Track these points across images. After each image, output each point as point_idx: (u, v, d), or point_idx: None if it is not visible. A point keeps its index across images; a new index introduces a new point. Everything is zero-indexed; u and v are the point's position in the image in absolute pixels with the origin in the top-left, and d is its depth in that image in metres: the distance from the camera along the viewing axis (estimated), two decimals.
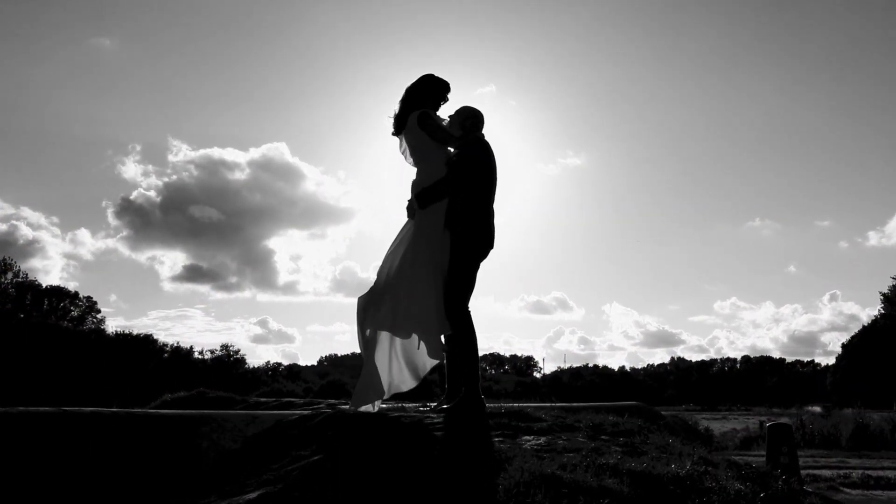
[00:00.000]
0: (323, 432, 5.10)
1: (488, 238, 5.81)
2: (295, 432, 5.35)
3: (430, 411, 5.62)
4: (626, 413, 6.41)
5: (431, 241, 5.74)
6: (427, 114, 5.90)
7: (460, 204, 5.74)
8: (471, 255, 5.74)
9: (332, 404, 7.98)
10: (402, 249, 5.83)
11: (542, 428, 4.95)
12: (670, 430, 6.43)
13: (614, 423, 5.31)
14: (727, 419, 41.30)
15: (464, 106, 6.10)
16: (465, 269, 5.72)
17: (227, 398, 9.92)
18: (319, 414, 5.72)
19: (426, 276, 5.66)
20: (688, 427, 11.78)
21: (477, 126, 6.01)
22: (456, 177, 5.75)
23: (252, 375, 68.29)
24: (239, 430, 5.87)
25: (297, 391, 53.99)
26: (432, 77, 6.12)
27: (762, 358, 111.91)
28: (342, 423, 5.20)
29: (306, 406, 7.97)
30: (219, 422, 6.00)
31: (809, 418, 22.78)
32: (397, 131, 6.10)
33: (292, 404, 8.53)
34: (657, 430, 5.40)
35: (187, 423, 5.91)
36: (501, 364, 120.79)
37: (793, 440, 9.44)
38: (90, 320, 65.53)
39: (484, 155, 5.83)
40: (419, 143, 5.92)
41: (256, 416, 6.37)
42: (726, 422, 36.33)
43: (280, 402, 8.94)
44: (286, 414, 6.47)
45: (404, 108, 6.03)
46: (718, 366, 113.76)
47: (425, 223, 5.79)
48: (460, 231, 5.71)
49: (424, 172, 5.90)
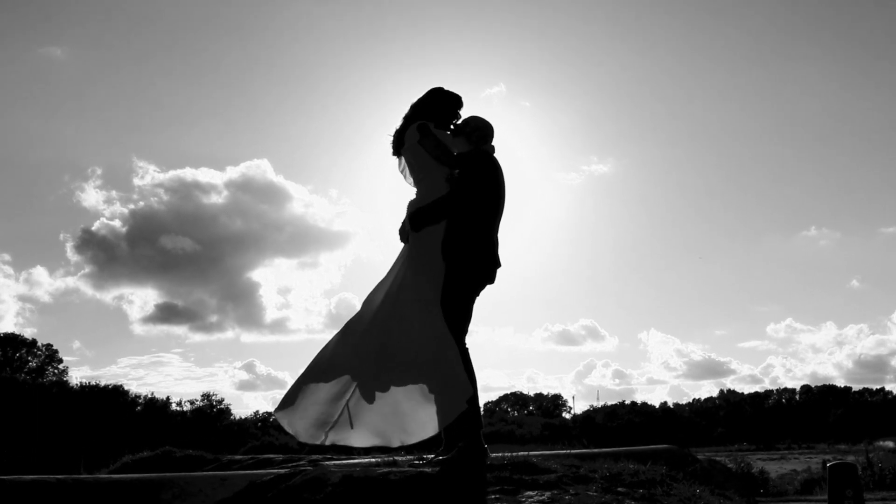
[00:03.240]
0: (299, 495, 5.07)
1: (489, 268, 5.77)
2: (270, 495, 5.33)
3: (424, 465, 5.57)
4: (649, 460, 6.35)
5: (424, 270, 5.71)
6: (426, 126, 5.90)
7: (459, 227, 5.70)
8: (466, 287, 5.71)
9: (314, 461, 7.96)
10: (388, 283, 5.82)
11: (550, 481, 4.90)
12: (704, 476, 6.37)
13: (634, 471, 5.25)
14: (786, 459, 41.19)
15: (470, 116, 6.09)
16: (460, 302, 5.68)
17: (197, 457, 9.91)
18: (297, 473, 5.66)
19: (418, 313, 5.61)
20: (726, 472, 11.65)
21: (485, 139, 6.00)
22: (456, 196, 5.72)
23: (238, 428, 68.44)
24: (205, 495, 5.86)
25: (292, 444, 53.74)
26: (441, 91, 6.12)
27: (824, 387, 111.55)
28: (322, 486, 5.17)
29: (286, 464, 7.95)
30: (181, 486, 5.98)
31: (880, 455, 22.58)
32: (396, 150, 6.12)
33: (270, 462, 8.51)
34: (685, 479, 5.35)
35: (146, 489, 5.90)
36: (525, 404, 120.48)
37: (859, 482, 9.31)
38: (51, 371, 65.96)
39: (490, 172, 5.81)
40: (418, 159, 5.93)
41: (226, 478, 6.35)
42: (785, 462, 36.24)
43: (257, 461, 8.92)
44: (260, 474, 6.45)
45: (406, 124, 6.04)
46: (774, 398, 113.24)
47: (420, 249, 5.77)
48: (456, 258, 5.67)
49: (423, 191, 5.90)
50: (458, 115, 6.15)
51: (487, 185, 5.77)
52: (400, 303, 5.69)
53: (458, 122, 6.11)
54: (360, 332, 5.73)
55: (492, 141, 6.03)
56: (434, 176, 5.88)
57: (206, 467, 9.19)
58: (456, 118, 6.13)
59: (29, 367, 64.72)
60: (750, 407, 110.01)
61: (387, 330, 5.65)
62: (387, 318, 5.68)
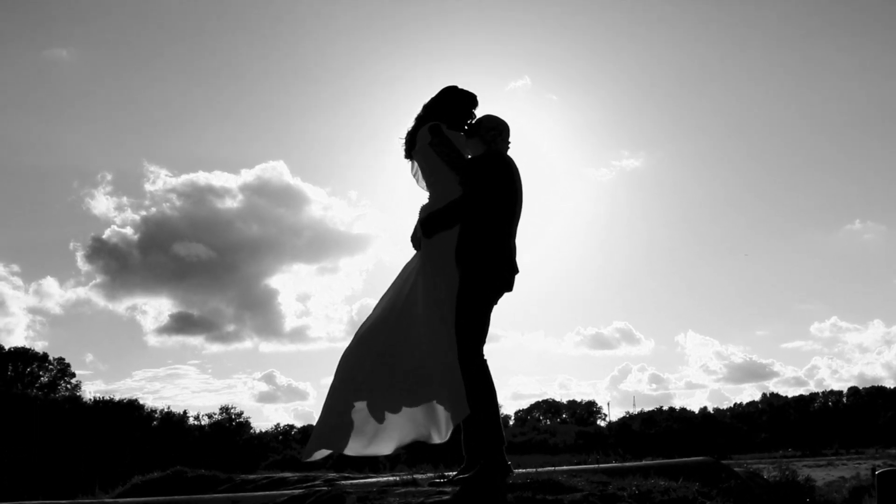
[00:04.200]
0: None
1: (506, 276, 5.72)
2: None
3: (444, 483, 5.55)
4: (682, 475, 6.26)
5: (437, 278, 5.68)
6: (438, 127, 5.85)
7: (473, 232, 5.65)
8: (482, 296, 5.64)
9: (330, 480, 7.92)
10: (395, 291, 5.81)
11: (575, 500, 4.85)
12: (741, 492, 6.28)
13: (665, 489, 5.18)
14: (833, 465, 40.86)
15: (483, 116, 6.05)
16: (475, 312, 5.62)
17: (210, 477, 9.90)
18: (312, 494, 5.67)
19: (432, 325, 5.59)
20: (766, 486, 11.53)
21: (501, 138, 5.95)
22: (469, 199, 5.66)
23: (259, 442, 68.50)
24: None
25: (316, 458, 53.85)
26: (454, 90, 6.09)
27: (873, 389, 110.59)
28: None
29: (301, 483, 7.92)
30: None
31: None
32: (408, 153, 6.09)
33: (285, 481, 8.47)
34: (720, 496, 5.27)
35: None
36: (558, 412, 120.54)
37: None
38: (63, 386, 66.40)
39: (505, 173, 5.75)
40: (429, 162, 5.89)
41: (238, 501, 6.33)
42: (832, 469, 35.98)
43: (271, 480, 8.89)
44: (274, 496, 6.42)
45: (418, 125, 6.01)
46: (820, 401, 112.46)
47: (433, 256, 5.73)
48: (471, 265, 5.62)
49: (436, 195, 5.87)
50: (473, 114, 6.10)
51: (502, 188, 5.71)
52: (413, 314, 5.67)
53: (472, 123, 6.07)
54: (374, 343, 5.71)
55: (508, 140, 5.98)
56: (447, 179, 5.83)
57: (219, 488, 9.18)
58: (470, 118, 6.09)
59: (41, 383, 65.22)
60: (794, 411, 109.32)
61: (401, 342, 5.64)
62: (400, 330, 5.67)
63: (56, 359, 67.33)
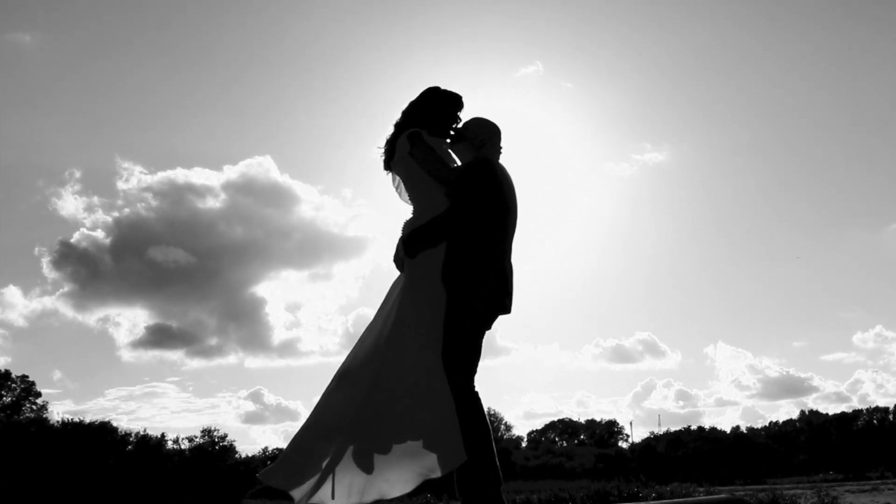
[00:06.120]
0: None
1: (501, 296, 5.60)
2: None
3: None
4: None
5: (422, 302, 5.57)
6: (418, 134, 5.79)
7: (461, 250, 5.54)
8: (473, 321, 5.52)
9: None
10: (381, 321, 5.67)
11: None
12: None
13: None
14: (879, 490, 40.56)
15: (470, 119, 6.01)
16: (465, 338, 5.49)
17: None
18: None
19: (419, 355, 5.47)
20: None
21: (491, 143, 5.90)
22: (455, 213, 5.58)
23: (245, 468, 68.30)
24: None
25: None
26: (436, 91, 6.03)
27: None
28: None
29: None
30: None
31: None
32: (387, 164, 6.05)
33: None
34: None
35: None
36: (575, 433, 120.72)
37: None
38: (28, 407, 66.49)
39: (493, 182, 5.64)
40: (411, 173, 5.82)
41: None
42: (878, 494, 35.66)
43: None
44: None
45: (397, 133, 5.95)
46: (864, 419, 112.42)
47: (417, 277, 5.64)
48: (459, 286, 5.50)
49: (420, 209, 5.79)
50: (458, 118, 6.04)
51: (491, 199, 5.61)
52: (396, 345, 5.52)
53: (458, 127, 6.01)
54: (356, 380, 5.57)
55: (499, 145, 5.93)
56: (431, 191, 5.76)
57: None
58: (455, 122, 6.03)
59: (3, 403, 65.40)
60: (836, 430, 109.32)
61: (383, 377, 5.49)
62: (383, 364, 5.52)
63: (19, 376, 67.74)
